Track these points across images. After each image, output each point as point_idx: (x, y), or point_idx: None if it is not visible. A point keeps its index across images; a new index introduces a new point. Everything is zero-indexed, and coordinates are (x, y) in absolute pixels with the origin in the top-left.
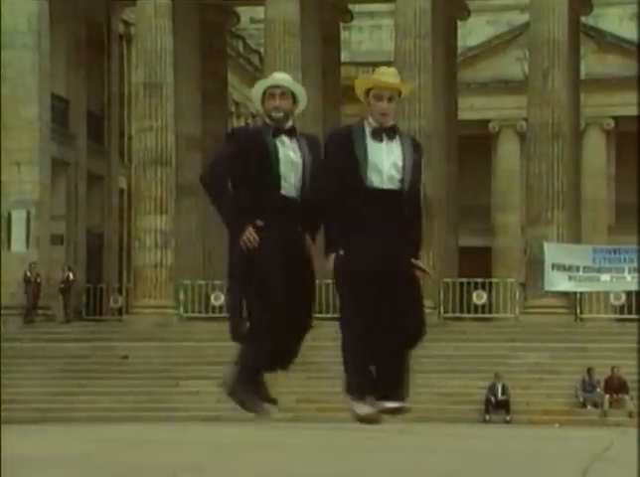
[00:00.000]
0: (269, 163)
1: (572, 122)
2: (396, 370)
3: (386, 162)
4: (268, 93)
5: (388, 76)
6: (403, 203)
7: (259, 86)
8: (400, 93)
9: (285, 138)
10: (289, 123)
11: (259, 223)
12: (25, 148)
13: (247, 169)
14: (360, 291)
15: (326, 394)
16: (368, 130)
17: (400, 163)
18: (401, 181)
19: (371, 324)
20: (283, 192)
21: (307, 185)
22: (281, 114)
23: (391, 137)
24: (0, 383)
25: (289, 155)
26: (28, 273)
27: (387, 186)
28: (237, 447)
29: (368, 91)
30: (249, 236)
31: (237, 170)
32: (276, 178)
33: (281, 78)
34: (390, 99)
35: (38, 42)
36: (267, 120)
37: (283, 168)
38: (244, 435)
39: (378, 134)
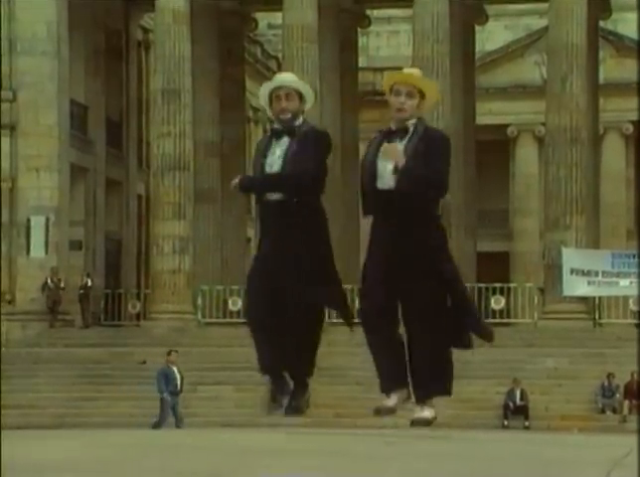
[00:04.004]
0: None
1: (591, 127)
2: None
3: (384, 163)
4: (274, 96)
5: (407, 71)
6: (395, 204)
7: (265, 90)
8: (421, 92)
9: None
10: (298, 122)
11: None
12: (44, 154)
13: None
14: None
15: (343, 399)
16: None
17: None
18: (397, 182)
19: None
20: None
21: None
22: (289, 116)
23: (401, 138)
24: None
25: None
26: (48, 279)
27: (384, 186)
28: (254, 453)
29: (391, 90)
30: None
31: None
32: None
33: (284, 78)
34: (408, 95)
35: (57, 49)
36: (276, 123)
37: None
38: (262, 441)
39: (390, 136)
